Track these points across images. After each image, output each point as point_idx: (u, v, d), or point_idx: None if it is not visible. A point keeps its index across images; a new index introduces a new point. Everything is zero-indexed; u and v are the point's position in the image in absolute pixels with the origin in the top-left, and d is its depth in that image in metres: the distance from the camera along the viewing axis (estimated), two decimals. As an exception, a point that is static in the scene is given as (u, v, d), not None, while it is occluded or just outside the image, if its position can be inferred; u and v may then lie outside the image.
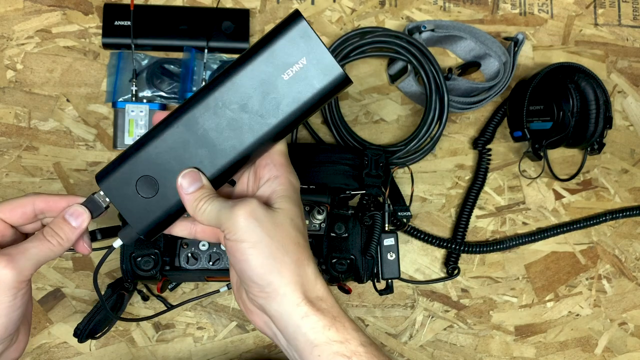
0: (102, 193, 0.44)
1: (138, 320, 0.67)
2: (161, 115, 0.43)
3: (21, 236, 0.47)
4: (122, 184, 0.43)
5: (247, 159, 0.42)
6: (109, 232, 0.58)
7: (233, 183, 0.48)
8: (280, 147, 0.44)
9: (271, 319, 0.41)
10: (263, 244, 0.40)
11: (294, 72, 0.40)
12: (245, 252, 0.40)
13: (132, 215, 0.43)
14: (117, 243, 0.45)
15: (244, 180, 0.46)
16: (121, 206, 0.43)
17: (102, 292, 0.62)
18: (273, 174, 0.43)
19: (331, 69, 0.40)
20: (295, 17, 0.40)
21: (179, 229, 0.46)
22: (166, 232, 0.46)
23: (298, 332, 0.40)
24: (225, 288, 0.43)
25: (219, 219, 0.41)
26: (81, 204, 0.45)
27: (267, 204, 0.42)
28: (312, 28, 0.40)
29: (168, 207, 0.43)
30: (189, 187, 0.41)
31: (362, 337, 0.41)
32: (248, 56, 0.41)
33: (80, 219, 0.44)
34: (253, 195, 0.44)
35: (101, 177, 0.43)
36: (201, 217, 0.41)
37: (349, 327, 0.41)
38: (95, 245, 0.51)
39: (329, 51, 0.40)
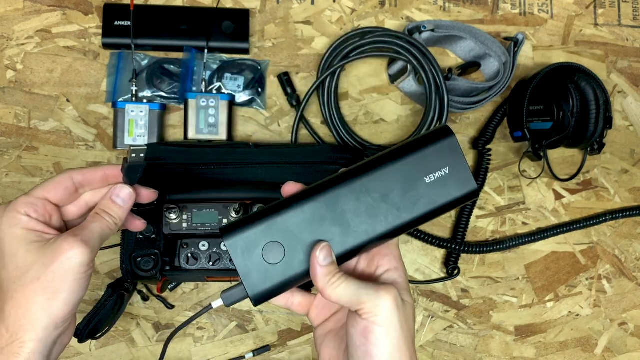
0: (134, 153, 0.46)
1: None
2: (294, 186, 0.45)
3: (64, 225, 0.48)
4: (249, 245, 0.43)
5: (372, 245, 0.45)
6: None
7: None
8: (396, 241, 0.46)
9: None
10: (396, 334, 0.41)
11: (435, 178, 0.45)
12: (380, 338, 0.41)
13: (250, 278, 0.43)
14: (217, 303, 0.45)
15: (352, 262, 0.47)
16: (241, 267, 0.43)
17: (102, 292, 0.62)
18: (393, 265, 0.45)
19: (467, 182, 0.45)
20: (448, 132, 0.45)
21: (279, 299, 0.47)
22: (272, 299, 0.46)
23: None
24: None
25: (359, 298, 0.41)
26: (123, 175, 0.47)
27: None
28: (459, 144, 0.45)
29: (289, 277, 0.43)
30: (324, 260, 0.42)
31: None
32: (399, 153, 0.45)
33: (124, 196, 0.47)
34: (367, 278, 0.45)
35: (227, 232, 0.43)
36: (332, 292, 0.42)
37: None
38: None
39: (468, 167, 0.45)
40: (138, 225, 0.51)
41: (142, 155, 0.47)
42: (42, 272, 0.42)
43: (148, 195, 0.50)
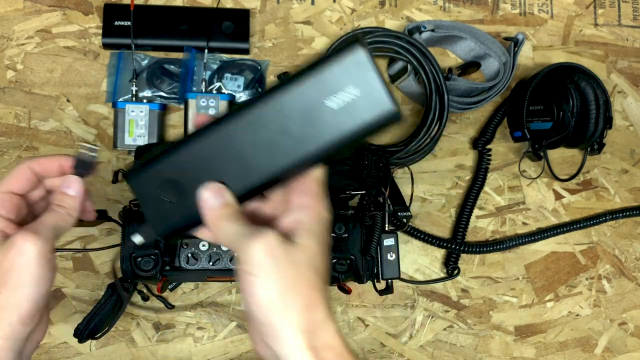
0: (84, 150, 0.47)
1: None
2: (204, 118, 0.42)
3: (32, 217, 0.48)
4: (149, 184, 0.42)
5: (278, 181, 0.41)
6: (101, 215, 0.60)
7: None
8: (317, 174, 0.42)
9: (276, 354, 0.40)
10: (273, 282, 0.38)
11: (343, 102, 0.37)
12: (254, 287, 0.38)
13: (154, 217, 0.42)
14: (137, 239, 0.45)
15: (276, 198, 0.44)
16: (145, 205, 0.43)
17: (102, 292, 0.62)
18: (303, 203, 0.41)
19: (383, 104, 0.37)
20: (354, 41, 0.37)
21: (201, 232, 0.45)
22: (189, 232, 0.45)
23: None
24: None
25: (236, 244, 0.39)
26: (72, 168, 0.47)
27: (288, 235, 0.40)
28: (371, 56, 0.37)
29: (189, 215, 0.42)
30: (210, 201, 0.40)
31: None
32: (297, 76, 0.39)
33: (75, 187, 0.47)
34: (278, 218, 0.43)
35: (131, 173, 0.43)
36: (219, 235, 0.41)
37: None
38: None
39: (384, 84, 0.37)
40: (91, 215, 0.50)
41: (91, 154, 0.48)
42: (1, 271, 0.42)
43: (90, 212, 0.50)
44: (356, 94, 0.37)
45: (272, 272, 0.38)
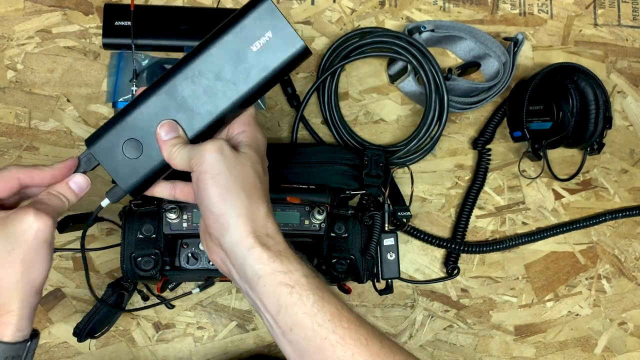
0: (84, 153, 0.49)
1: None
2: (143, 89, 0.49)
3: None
4: (109, 147, 0.48)
5: (221, 122, 0.48)
6: (77, 219, 0.63)
7: None
8: (250, 111, 0.50)
9: (225, 253, 0.45)
10: (223, 176, 0.44)
11: (261, 45, 0.46)
12: (207, 182, 0.44)
13: (119, 175, 0.49)
14: (105, 202, 0.50)
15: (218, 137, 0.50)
16: (109, 167, 0.49)
17: (102, 292, 0.62)
18: (241, 129, 0.49)
19: (293, 41, 0.46)
20: None
21: (160, 189, 0.51)
22: (148, 193, 0.50)
23: (245, 264, 0.44)
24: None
25: (190, 157, 0.46)
26: (76, 170, 0.50)
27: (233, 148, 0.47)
28: (276, 5, 0.45)
29: (151, 166, 0.48)
30: (165, 135, 0.47)
31: (305, 270, 0.44)
32: (221, 30, 0.47)
33: (82, 186, 0.49)
34: None
35: (91, 141, 0.49)
36: (175, 160, 0.47)
37: (294, 261, 0.44)
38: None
39: (291, 25, 0.46)
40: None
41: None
42: (16, 245, 0.44)
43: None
44: (270, 37, 0.46)
45: (221, 168, 0.44)
